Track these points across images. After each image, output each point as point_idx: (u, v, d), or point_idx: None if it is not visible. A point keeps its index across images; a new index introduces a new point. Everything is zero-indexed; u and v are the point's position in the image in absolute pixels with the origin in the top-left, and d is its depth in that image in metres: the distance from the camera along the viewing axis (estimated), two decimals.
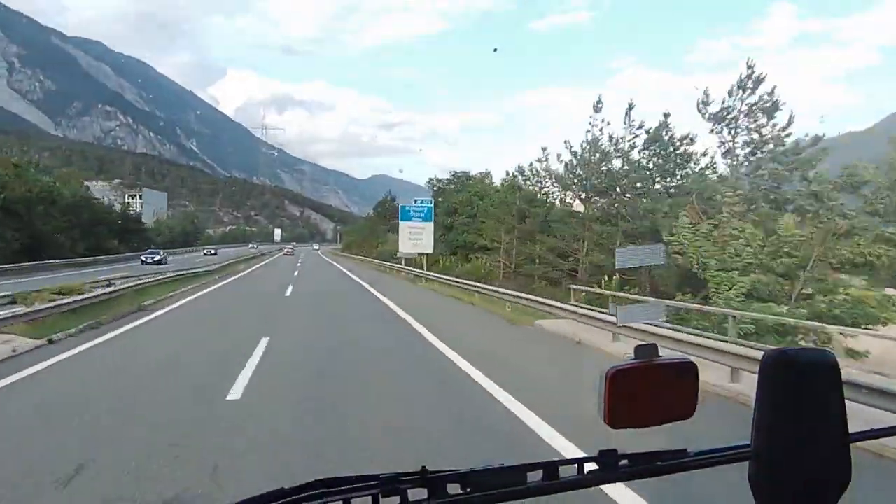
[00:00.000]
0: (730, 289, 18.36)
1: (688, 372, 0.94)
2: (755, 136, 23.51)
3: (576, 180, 32.73)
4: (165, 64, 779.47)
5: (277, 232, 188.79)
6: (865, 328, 15.76)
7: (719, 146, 24.99)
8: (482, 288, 21.73)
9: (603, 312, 13.26)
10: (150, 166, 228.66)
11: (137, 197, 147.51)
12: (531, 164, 38.50)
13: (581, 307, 15.23)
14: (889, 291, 18.20)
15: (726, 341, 10.48)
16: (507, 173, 42.37)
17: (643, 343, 0.95)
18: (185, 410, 6.58)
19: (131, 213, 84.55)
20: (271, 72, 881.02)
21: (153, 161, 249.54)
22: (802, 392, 0.82)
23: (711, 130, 24.57)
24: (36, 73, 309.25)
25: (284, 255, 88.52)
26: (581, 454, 0.99)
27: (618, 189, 30.60)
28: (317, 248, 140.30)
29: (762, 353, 0.89)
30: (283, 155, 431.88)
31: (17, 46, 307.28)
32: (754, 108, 23.11)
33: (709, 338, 10.27)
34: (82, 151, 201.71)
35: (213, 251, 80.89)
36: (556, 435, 5.70)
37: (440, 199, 47.04)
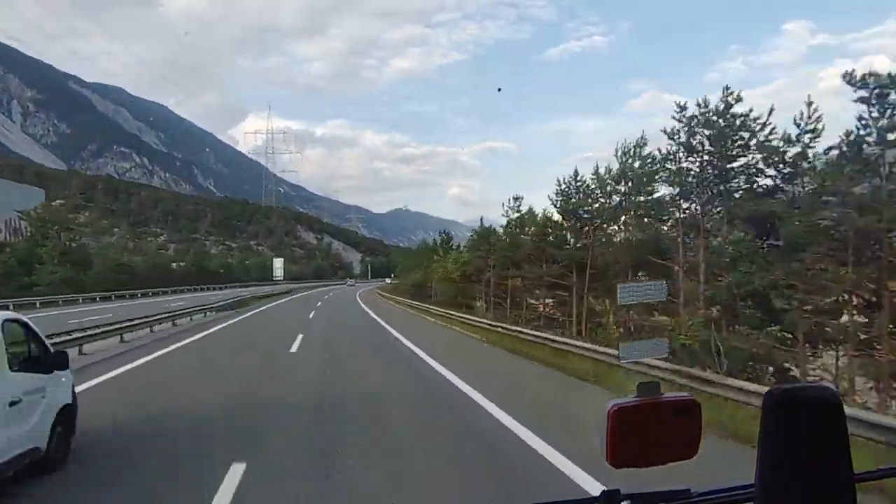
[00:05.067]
0: None
1: (691, 410, 0.92)
2: None
3: None
4: (186, 106, 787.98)
5: (278, 263, 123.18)
6: None
7: None
8: None
9: None
10: (111, 186, 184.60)
11: None
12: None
13: None
14: None
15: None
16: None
17: (646, 381, 0.93)
18: None
19: None
20: (291, 111, 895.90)
21: (115, 181, 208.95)
22: (806, 430, 0.80)
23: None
24: (50, 117, 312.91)
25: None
26: None
27: None
28: (385, 280, 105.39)
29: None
30: (301, 191, 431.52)
31: (32, 91, 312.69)
32: None
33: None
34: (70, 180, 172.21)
35: None
36: None
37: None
